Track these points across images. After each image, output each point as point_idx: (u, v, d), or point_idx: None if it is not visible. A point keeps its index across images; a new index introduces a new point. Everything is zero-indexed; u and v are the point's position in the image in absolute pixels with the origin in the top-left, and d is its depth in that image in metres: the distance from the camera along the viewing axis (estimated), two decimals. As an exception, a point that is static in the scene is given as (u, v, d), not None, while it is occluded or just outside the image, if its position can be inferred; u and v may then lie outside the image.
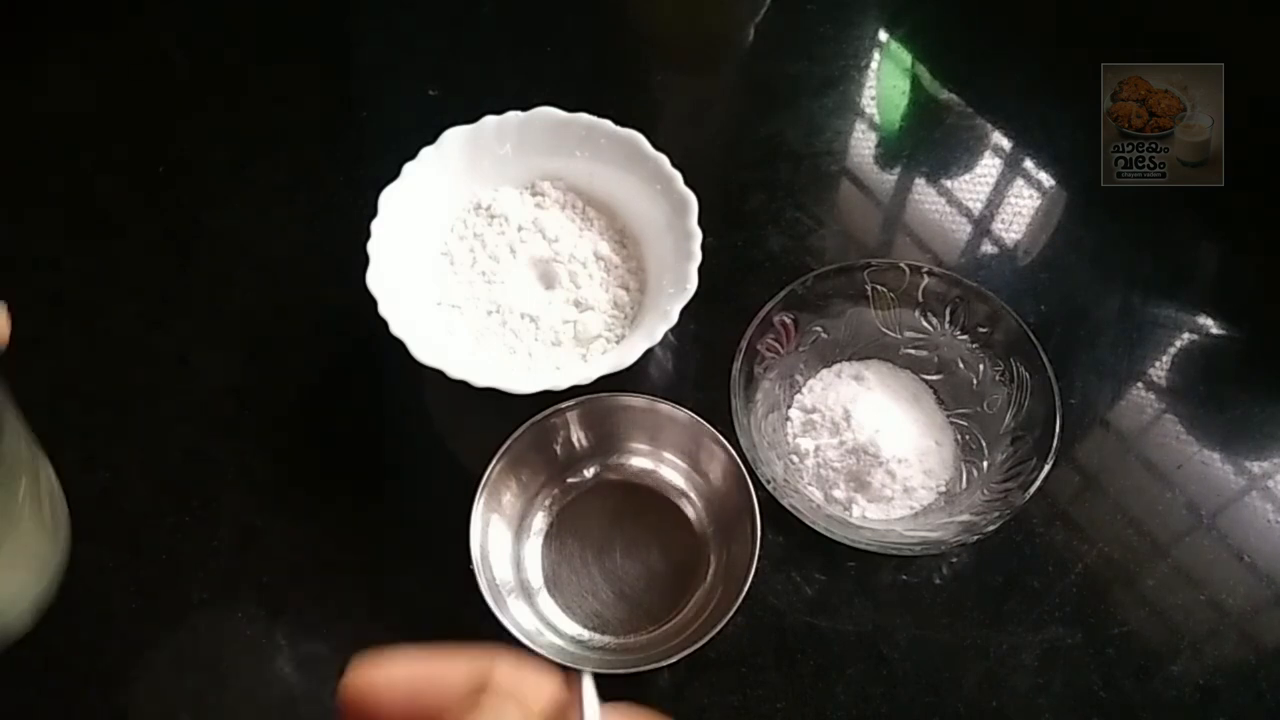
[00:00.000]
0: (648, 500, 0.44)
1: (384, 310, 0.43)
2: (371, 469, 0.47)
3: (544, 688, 0.21)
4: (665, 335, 0.44)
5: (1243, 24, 0.60)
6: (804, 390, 0.48)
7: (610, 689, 0.30)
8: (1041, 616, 0.43)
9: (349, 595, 0.44)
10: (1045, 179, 0.58)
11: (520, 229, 0.50)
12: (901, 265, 0.47)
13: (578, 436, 0.44)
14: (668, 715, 0.21)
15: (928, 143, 0.60)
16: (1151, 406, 0.49)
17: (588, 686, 0.21)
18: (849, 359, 0.49)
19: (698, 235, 0.46)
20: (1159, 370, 0.51)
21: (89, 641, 0.43)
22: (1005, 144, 0.60)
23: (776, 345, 0.46)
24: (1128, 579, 0.44)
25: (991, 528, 0.40)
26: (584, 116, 0.50)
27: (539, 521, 0.44)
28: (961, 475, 0.45)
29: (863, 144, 0.60)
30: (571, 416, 0.43)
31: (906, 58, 0.66)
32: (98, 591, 0.44)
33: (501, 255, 0.50)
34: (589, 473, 0.45)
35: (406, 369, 0.42)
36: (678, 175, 0.48)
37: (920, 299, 0.47)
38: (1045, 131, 0.60)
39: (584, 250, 0.50)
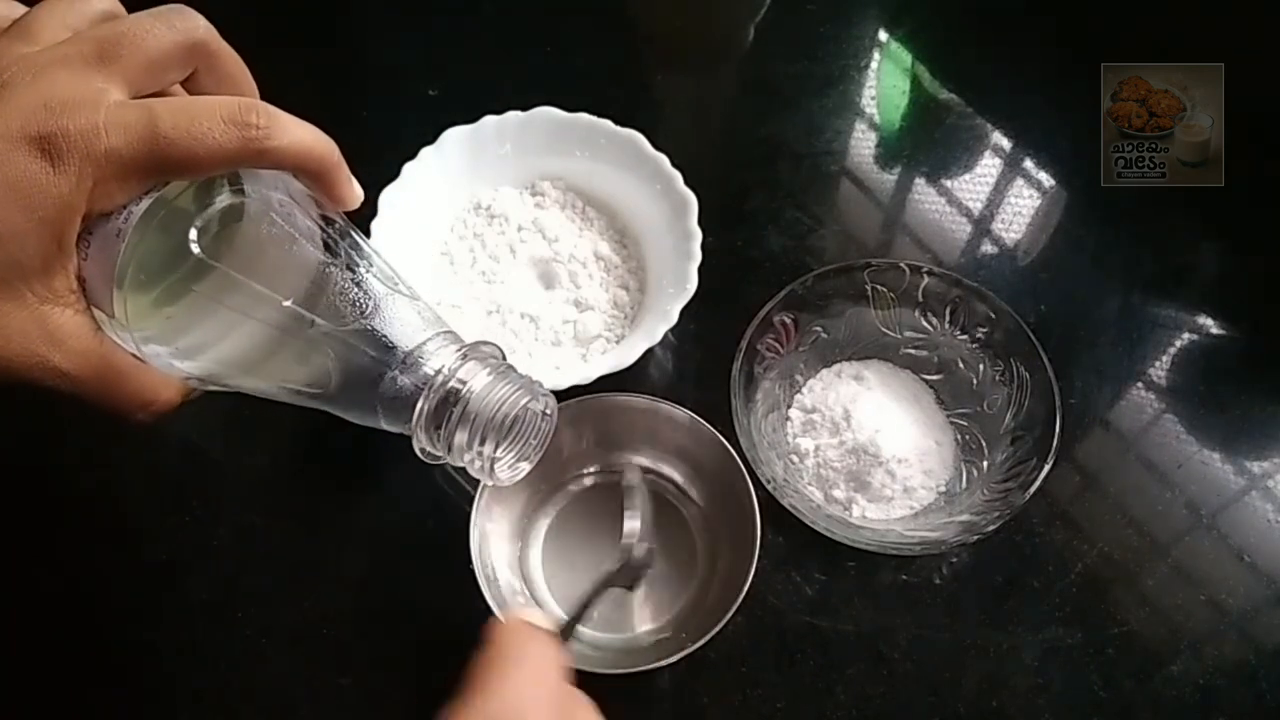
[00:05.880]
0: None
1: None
2: (372, 469, 0.47)
3: None
4: (665, 335, 0.44)
5: (1243, 24, 0.60)
6: (804, 390, 0.48)
7: (610, 689, 0.30)
8: (1041, 616, 0.43)
9: (349, 595, 0.43)
10: (1045, 179, 0.58)
11: (520, 229, 0.50)
12: (901, 265, 0.47)
13: (578, 437, 0.44)
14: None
15: (928, 143, 0.60)
16: (1151, 406, 0.49)
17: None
18: (849, 359, 0.49)
19: (698, 235, 0.46)
20: (1159, 370, 0.51)
21: (89, 642, 0.43)
22: (1005, 144, 0.60)
23: (776, 345, 0.46)
24: (1128, 579, 0.44)
25: (991, 528, 0.40)
26: (584, 116, 0.50)
27: (539, 522, 0.44)
28: (961, 475, 0.45)
29: (863, 144, 0.60)
30: (571, 416, 0.43)
31: (906, 58, 0.66)
32: (98, 591, 0.44)
33: (501, 255, 0.50)
34: (589, 473, 0.45)
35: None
36: (678, 175, 0.48)
37: (920, 299, 0.47)
38: (1045, 131, 0.60)
39: (584, 250, 0.50)
